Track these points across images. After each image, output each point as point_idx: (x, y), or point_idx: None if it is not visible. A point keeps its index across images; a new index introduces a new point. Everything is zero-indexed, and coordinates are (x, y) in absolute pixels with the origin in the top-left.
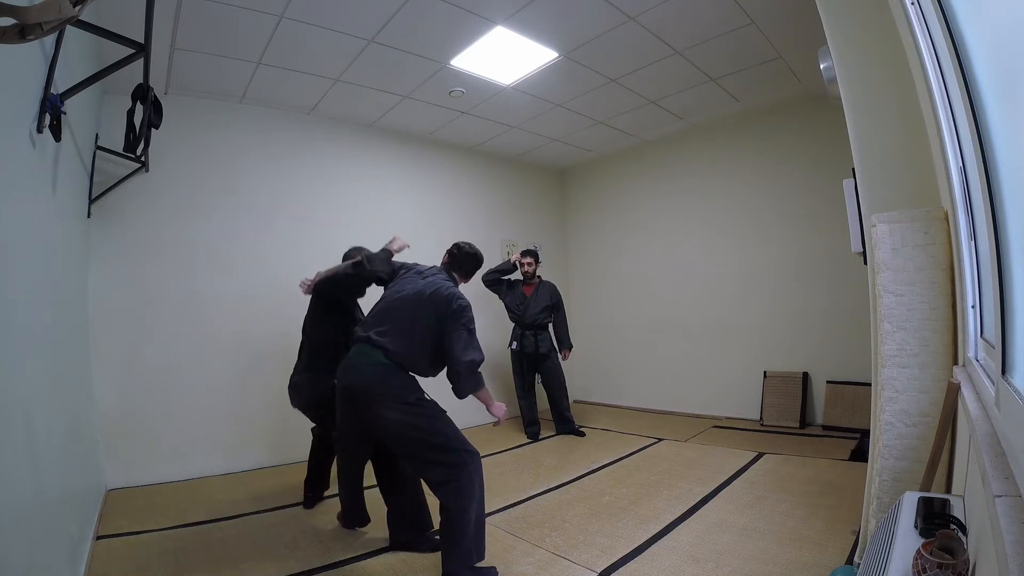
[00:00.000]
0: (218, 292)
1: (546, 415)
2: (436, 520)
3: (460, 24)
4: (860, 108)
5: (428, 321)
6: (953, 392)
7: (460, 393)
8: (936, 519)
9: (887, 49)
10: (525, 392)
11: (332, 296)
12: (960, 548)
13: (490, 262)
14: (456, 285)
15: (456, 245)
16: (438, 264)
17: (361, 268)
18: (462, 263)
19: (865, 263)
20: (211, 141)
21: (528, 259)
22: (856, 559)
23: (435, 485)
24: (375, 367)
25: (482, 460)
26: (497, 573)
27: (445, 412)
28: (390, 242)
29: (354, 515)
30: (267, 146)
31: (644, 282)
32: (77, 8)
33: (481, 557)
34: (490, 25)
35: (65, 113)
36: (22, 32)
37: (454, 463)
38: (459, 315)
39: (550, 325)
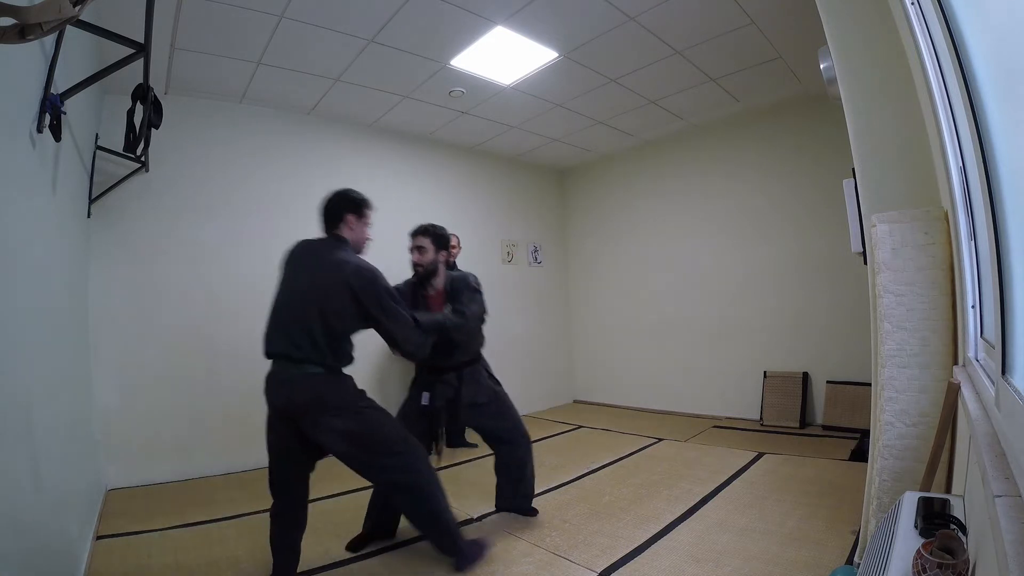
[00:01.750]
0: (218, 292)
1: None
2: None
3: (460, 24)
4: (860, 108)
5: (326, 306)
6: (953, 392)
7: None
8: (936, 519)
9: (887, 49)
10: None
11: None
12: (960, 548)
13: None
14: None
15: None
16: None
17: None
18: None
19: (865, 263)
20: (211, 141)
21: (423, 241)
22: (856, 559)
23: (393, 489)
24: (311, 378)
25: (482, 459)
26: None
27: (385, 410)
28: None
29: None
30: (267, 146)
31: (644, 282)
32: (77, 8)
33: (461, 539)
34: (490, 25)
35: (65, 113)
36: (22, 32)
37: (403, 465)
38: (372, 295)
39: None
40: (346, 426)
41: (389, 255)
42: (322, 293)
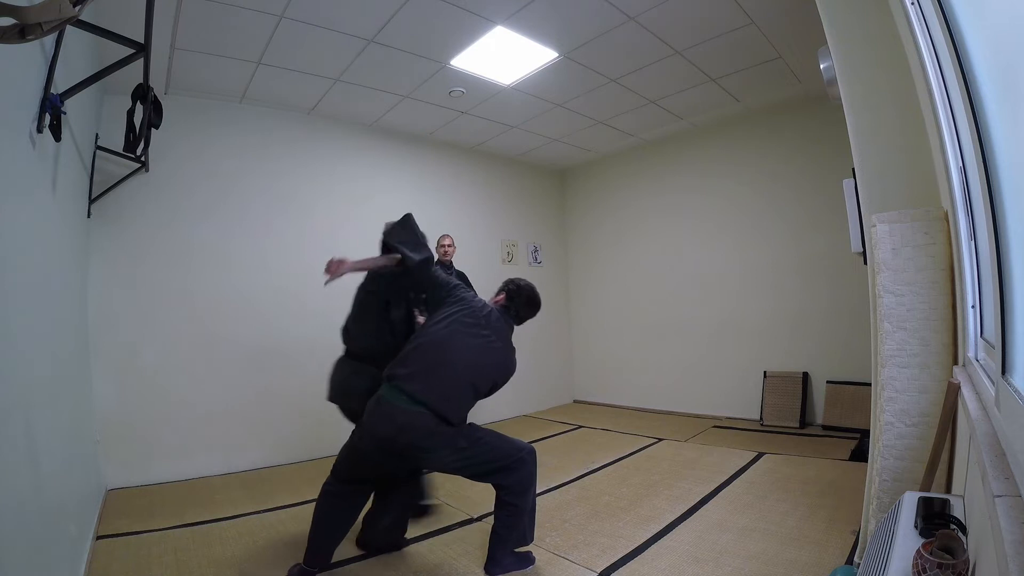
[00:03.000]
0: (217, 292)
1: None
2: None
3: (460, 24)
4: (860, 108)
5: (473, 383)
6: (953, 392)
7: None
8: (936, 519)
9: (887, 49)
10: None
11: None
12: (960, 548)
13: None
14: (510, 333)
15: (515, 284)
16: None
17: (408, 270)
18: (520, 311)
19: (865, 263)
20: (211, 141)
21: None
22: (856, 559)
23: (497, 485)
24: (423, 416)
25: None
26: (534, 558)
27: (487, 429)
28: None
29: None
30: (267, 146)
31: (644, 282)
32: (77, 8)
33: (531, 539)
34: (490, 25)
35: (65, 113)
36: (22, 32)
37: (514, 468)
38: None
39: None
40: (451, 464)
41: None
42: (477, 369)
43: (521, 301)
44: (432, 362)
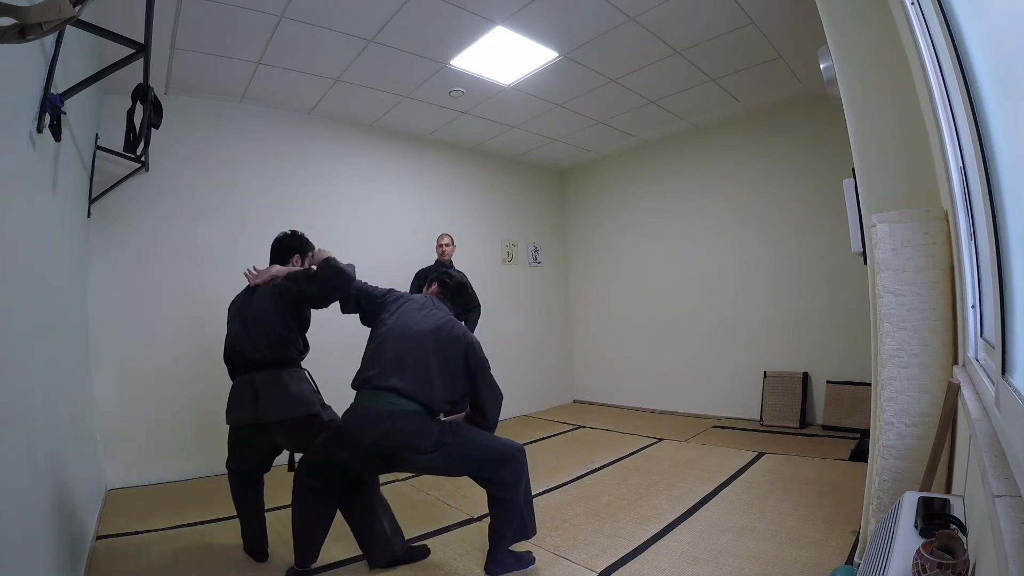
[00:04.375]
0: (218, 292)
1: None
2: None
3: (460, 24)
4: (860, 108)
5: (444, 360)
6: (953, 392)
7: (491, 429)
8: (936, 519)
9: (887, 49)
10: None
11: (302, 300)
12: (960, 548)
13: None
14: None
15: (447, 274)
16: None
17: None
18: (454, 296)
19: (865, 263)
20: (211, 141)
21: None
22: (856, 559)
23: (487, 480)
24: (409, 416)
25: None
26: (534, 558)
27: (474, 428)
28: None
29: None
30: (267, 146)
31: (644, 282)
32: (77, 8)
33: (533, 532)
34: (490, 25)
35: (65, 113)
36: (22, 32)
37: (502, 462)
38: (482, 365)
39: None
40: (440, 461)
41: (389, 252)
42: (442, 347)
43: (453, 286)
44: (398, 352)
